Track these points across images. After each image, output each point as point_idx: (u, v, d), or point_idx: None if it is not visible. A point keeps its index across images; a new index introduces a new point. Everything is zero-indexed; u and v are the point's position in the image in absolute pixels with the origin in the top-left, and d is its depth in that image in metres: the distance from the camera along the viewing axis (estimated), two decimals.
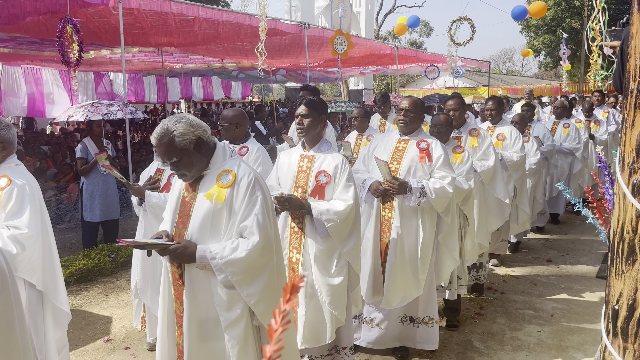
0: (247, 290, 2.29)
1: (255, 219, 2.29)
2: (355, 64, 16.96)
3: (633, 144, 1.31)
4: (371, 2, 28.41)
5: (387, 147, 3.70)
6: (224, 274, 2.25)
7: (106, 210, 6.32)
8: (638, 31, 1.30)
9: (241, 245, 2.27)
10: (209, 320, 2.34)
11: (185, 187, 2.47)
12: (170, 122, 2.32)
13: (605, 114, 8.63)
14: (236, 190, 2.32)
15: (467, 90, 24.12)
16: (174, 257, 2.35)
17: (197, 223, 2.35)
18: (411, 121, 3.64)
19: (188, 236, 2.36)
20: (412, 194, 3.42)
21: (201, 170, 2.38)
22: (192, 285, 2.35)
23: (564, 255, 6.28)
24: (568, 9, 29.37)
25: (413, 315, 3.73)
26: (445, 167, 3.55)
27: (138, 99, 17.78)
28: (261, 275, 2.32)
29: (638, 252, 1.31)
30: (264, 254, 2.32)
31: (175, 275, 2.43)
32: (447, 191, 3.46)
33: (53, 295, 2.88)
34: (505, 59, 55.30)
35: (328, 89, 40.99)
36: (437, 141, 3.65)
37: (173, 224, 2.46)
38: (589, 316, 4.51)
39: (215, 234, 2.34)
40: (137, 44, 10.72)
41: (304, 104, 3.11)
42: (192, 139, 2.30)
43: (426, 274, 3.60)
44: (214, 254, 2.25)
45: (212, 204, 2.32)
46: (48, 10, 6.90)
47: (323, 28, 12.04)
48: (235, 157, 2.46)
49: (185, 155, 2.30)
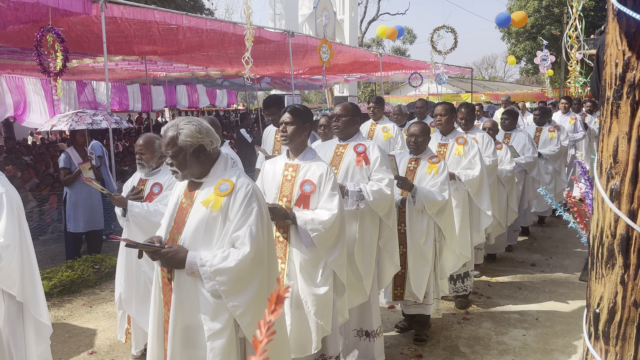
0: (233, 301, 2.27)
1: (249, 229, 2.29)
2: (340, 71, 17.01)
3: (610, 150, 1.33)
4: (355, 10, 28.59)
5: (327, 153, 3.68)
6: (212, 282, 2.25)
7: (90, 220, 6.24)
8: (613, 39, 1.33)
9: (232, 254, 2.26)
10: (193, 328, 2.34)
11: (184, 193, 2.49)
12: (184, 120, 2.40)
13: (572, 120, 8.51)
14: (233, 200, 2.33)
15: (451, 96, 24.34)
16: (164, 262, 2.35)
17: (191, 229, 2.36)
18: (345, 126, 3.62)
19: (181, 241, 2.37)
20: (349, 198, 3.39)
21: (194, 174, 2.41)
22: (179, 290, 2.35)
23: (547, 258, 6.35)
24: (548, 16, 29.89)
25: (368, 329, 3.68)
26: (382, 168, 3.50)
27: (122, 108, 17.63)
28: (249, 286, 2.31)
29: (617, 256, 1.33)
30: (253, 265, 2.30)
31: (165, 280, 2.43)
32: (385, 193, 3.43)
33: (33, 307, 2.82)
34: (488, 65, 55.98)
35: (313, 96, 41.07)
36: (374, 144, 3.61)
37: (168, 229, 2.47)
38: (573, 319, 4.56)
39: (208, 241, 2.34)
40: (120, 53, 10.64)
41: (288, 112, 3.09)
42: (194, 143, 2.35)
43: (371, 279, 3.56)
44: (204, 261, 2.25)
45: (208, 211, 2.33)
46: (29, 19, 6.82)
47: (307, 36, 12.08)
48: (236, 168, 2.48)
49: (181, 155, 2.35)
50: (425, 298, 4.06)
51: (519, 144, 6.45)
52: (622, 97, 1.30)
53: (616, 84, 1.31)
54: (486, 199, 4.78)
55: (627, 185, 1.30)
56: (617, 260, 1.34)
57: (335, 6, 25.82)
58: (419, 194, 3.86)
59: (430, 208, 3.89)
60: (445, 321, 4.58)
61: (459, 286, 4.84)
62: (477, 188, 4.69)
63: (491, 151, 5.23)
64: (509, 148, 5.99)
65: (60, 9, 6.31)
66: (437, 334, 4.32)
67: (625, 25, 1.29)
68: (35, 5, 6.16)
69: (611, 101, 1.33)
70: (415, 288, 3.94)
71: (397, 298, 4.11)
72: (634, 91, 1.28)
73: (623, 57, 1.30)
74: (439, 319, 4.63)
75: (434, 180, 3.96)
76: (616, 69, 1.31)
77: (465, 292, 4.87)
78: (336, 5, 26.18)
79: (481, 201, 4.76)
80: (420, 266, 3.97)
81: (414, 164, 4.10)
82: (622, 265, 1.33)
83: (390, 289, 4.10)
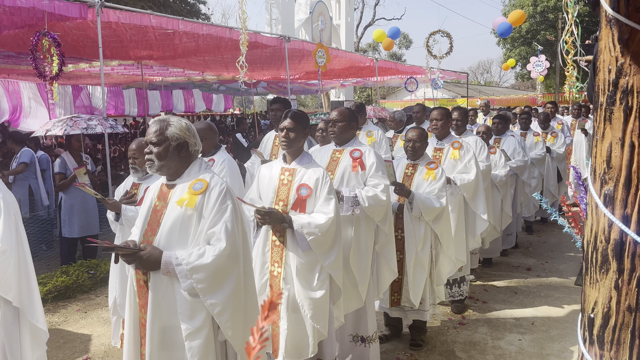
0: (211, 299, 2.27)
1: (224, 225, 2.31)
2: (336, 76, 17.05)
3: (604, 156, 1.34)
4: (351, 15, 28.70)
5: (323, 158, 3.69)
6: (189, 280, 2.25)
7: (85, 225, 6.22)
8: (606, 46, 1.34)
9: (208, 251, 2.27)
10: (171, 328, 2.33)
11: (157, 196, 2.49)
12: (174, 117, 2.48)
13: (560, 125, 8.47)
14: (207, 197, 2.35)
15: (447, 101, 24.43)
16: (139, 264, 2.34)
17: (166, 229, 2.37)
18: (341, 131, 3.62)
19: (156, 242, 2.36)
20: (344, 203, 3.39)
21: (170, 169, 2.44)
22: (156, 291, 2.34)
23: (543, 263, 6.36)
24: (543, 21, 30.07)
25: (364, 335, 3.67)
26: (378, 174, 3.50)
27: (118, 112, 17.60)
28: (226, 283, 2.31)
29: (611, 261, 1.34)
30: (229, 261, 2.31)
31: (140, 282, 2.42)
32: (381, 198, 3.43)
33: (29, 312, 2.80)
34: (483, 70, 56.25)
35: (309, 100, 41.12)
36: (370, 149, 3.61)
37: (142, 232, 2.46)
38: (568, 324, 4.56)
39: (183, 241, 2.35)
40: (117, 57, 10.64)
41: (290, 117, 3.09)
42: (179, 138, 2.41)
43: (366, 285, 3.55)
44: (180, 259, 2.25)
45: (183, 210, 2.35)
46: (25, 24, 6.81)
47: (303, 41, 12.11)
48: (209, 170, 2.51)
49: (165, 144, 2.39)
50: (422, 304, 4.05)
51: (509, 147, 6.45)
52: (615, 103, 1.31)
53: (609, 90, 1.32)
54: (482, 203, 4.79)
55: (621, 190, 1.31)
56: (611, 265, 1.34)
57: (332, 11, 25.92)
58: (417, 201, 3.85)
59: (427, 215, 3.88)
60: (442, 326, 4.58)
61: (455, 291, 4.84)
62: (472, 192, 4.69)
63: (485, 155, 5.24)
64: (501, 152, 6.01)
65: (56, 14, 6.31)
66: (434, 338, 4.32)
67: (618, 32, 1.30)
68: (31, 10, 6.15)
69: (604, 107, 1.34)
70: (412, 294, 3.93)
71: (394, 304, 4.10)
72: (627, 97, 1.29)
73: (616, 63, 1.31)
74: (435, 324, 4.63)
75: (431, 186, 3.95)
76: (609, 75, 1.32)
77: (462, 296, 4.87)
78: (332, 11, 26.28)
79: (477, 205, 4.76)
80: (417, 273, 3.96)
81: (412, 170, 4.10)
82: (616, 270, 1.33)
83: (387, 295, 4.09)
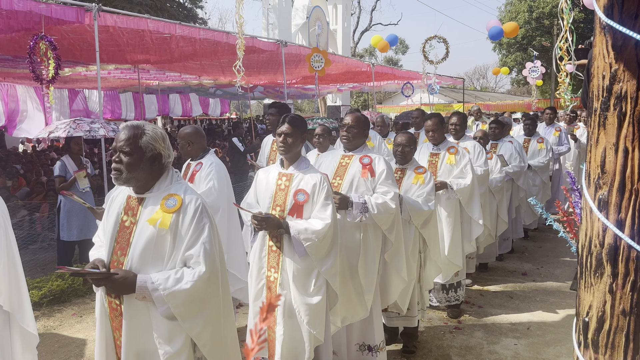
0: (189, 322, 2.17)
1: (203, 247, 2.17)
2: (333, 81, 17.10)
3: (598, 161, 1.36)
4: (348, 20, 28.82)
5: (332, 163, 3.69)
6: (166, 305, 2.13)
7: (84, 229, 6.20)
8: (600, 52, 1.36)
9: (186, 275, 2.15)
10: (148, 352, 2.22)
11: (124, 210, 2.31)
12: (149, 125, 2.29)
13: (557, 132, 8.21)
14: (182, 216, 2.20)
15: (443, 106, 24.52)
16: (111, 288, 2.19)
17: (138, 250, 2.20)
18: (354, 137, 3.62)
19: (127, 264, 2.21)
20: (353, 209, 3.37)
21: (138, 181, 2.25)
22: (130, 316, 2.21)
23: (539, 268, 6.38)
24: (538, 27, 30.26)
25: (371, 344, 3.67)
26: (387, 182, 3.49)
27: (114, 116, 17.58)
28: (206, 306, 2.22)
29: (606, 265, 1.35)
30: (209, 284, 2.19)
31: (113, 305, 2.27)
32: (390, 206, 3.41)
33: (20, 316, 2.79)
34: (479, 75, 56.49)
35: (306, 105, 41.19)
36: (380, 157, 3.59)
37: (110, 250, 2.29)
38: (564, 328, 4.58)
39: (158, 262, 2.20)
40: (113, 61, 10.63)
41: (288, 122, 3.08)
42: (154, 149, 2.23)
43: (372, 294, 3.53)
44: (156, 284, 2.12)
45: (156, 230, 2.19)
46: (22, 27, 6.81)
47: (300, 46, 12.15)
48: (181, 182, 2.35)
49: (137, 155, 2.20)
50: (410, 310, 4.03)
51: (506, 153, 6.45)
52: (609, 109, 1.32)
53: (603, 95, 1.34)
54: (477, 208, 4.80)
55: (615, 195, 1.32)
56: (605, 269, 1.35)
57: (328, 16, 26.02)
58: (405, 204, 3.85)
59: (416, 218, 3.89)
60: (437, 331, 4.59)
61: (452, 295, 4.84)
62: (468, 197, 4.71)
63: (483, 161, 5.26)
64: (498, 157, 6.03)
65: (53, 18, 6.31)
66: (429, 343, 4.32)
67: (612, 38, 1.31)
68: (28, 14, 6.15)
69: (598, 113, 1.35)
70: (400, 300, 3.90)
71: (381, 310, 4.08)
72: (621, 103, 1.30)
73: (610, 69, 1.32)
74: (430, 328, 4.63)
75: (420, 190, 3.94)
76: (603, 81, 1.34)
77: (458, 301, 4.88)
78: (329, 16, 26.38)
79: (472, 210, 4.78)
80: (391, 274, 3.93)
81: (400, 174, 4.10)
82: (610, 274, 1.34)
83: None
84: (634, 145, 1.29)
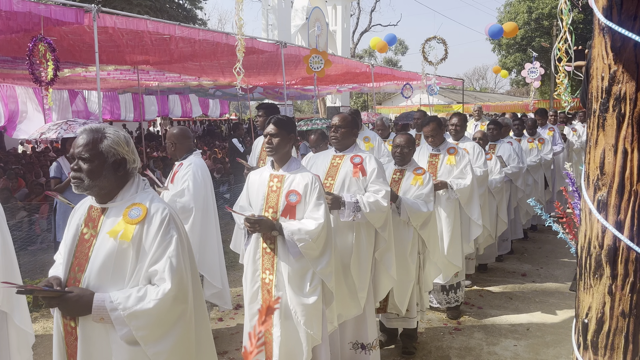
0: (154, 348, 1.94)
1: (169, 262, 1.95)
2: (332, 82, 17.10)
3: (597, 162, 1.35)
4: (347, 21, 28.82)
5: (323, 164, 3.70)
6: (127, 327, 1.91)
7: None
8: (599, 53, 1.36)
9: (149, 293, 1.93)
10: None
11: (84, 221, 2.11)
12: (110, 127, 2.11)
13: (551, 132, 8.32)
14: (147, 228, 1.99)
15: (442, 107, 24.52)
16: (65, 309, 1.96)
17: (96, 265, 1.99)
18: (343, 137, 3.63)
19: (85, 281, 1.99)
20: (345, 209, 3.39)
21: (102, 189, 2.05)
22: (86, 341, 1.97)
23: (538, 269, 6.37)
24: (537, 28, 30.28)
25: (364, 342, 3.67)
26: (379, 180, 3.50)
27: (114, 117, 17.58)
28: (173, 329, 1.98)
29: (605, 267, 1.35)
30: (176, 304, 1.97)
31: (68, 328, 2.03)
32: (382, 205, 3.42)
33: (17, 316, 2.81)
34: (479, 76, 56.54)
35: (305, 106, 41.20)
36: (371, 155, 3.62)
37: (67, 266, 2.06)
38: (563, 329, 4.58)
39: (119, 279, 1.98)
40: (113, 62, 10.63)
41: (273, 123, 3.09)
42: (117, 154, 2.03)
43: (366, 292, 3.54)
44: (115, 304, 1.90)
45: (117, 243, 1.98)
46: (21, 28, 6.81)
47: (299, 47, 12.15)
48: (147, 190, 2.14)
49: (98, 161, 2.01)
50: (409, 311, 4.03)
51: (504, 154, 6.47)
52: (608, 110, 1.32)
53: (602, 97, 1.34)
54: (476, 209, 4.81)
55: (614, 196, 1.32)
56: (604, 270, 1.35)
57: (328, 17, 26.02)
58: (404, 205, 3.85)
59: (415, 219, 3.89)
60: (437, 332, 4.58)
61: (451, 297, 4.84)
62: (467, 197, 4.72)
63: (482, 162, 5.26)
64: (497, 158, 6.03)
65: (53, 19, 6.31)
66: (429, 344, 4.32)
67: (611, 40, 1.31)
68: (27, 15, 6.14)
69: (597, 114, 1.35)
70: (399, 301, 3.91)
71: (380, 311, 4.07)
72: (620, 104, 1.30)
73: (609, 70, 1.32)
74: (430, 329, 4.63)
75: (419, 191, 3.95)
76: (602, 83, 1.34)
77: (457, 302, 4.87)
78: (329, 17, 26.39)
79: (471, 211, 4.78)
80: (405, 279, 3.95)
81: (399, 175, 4.11)
82: (609, 275, 1.34)
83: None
84: (633, 147, 1.29)
